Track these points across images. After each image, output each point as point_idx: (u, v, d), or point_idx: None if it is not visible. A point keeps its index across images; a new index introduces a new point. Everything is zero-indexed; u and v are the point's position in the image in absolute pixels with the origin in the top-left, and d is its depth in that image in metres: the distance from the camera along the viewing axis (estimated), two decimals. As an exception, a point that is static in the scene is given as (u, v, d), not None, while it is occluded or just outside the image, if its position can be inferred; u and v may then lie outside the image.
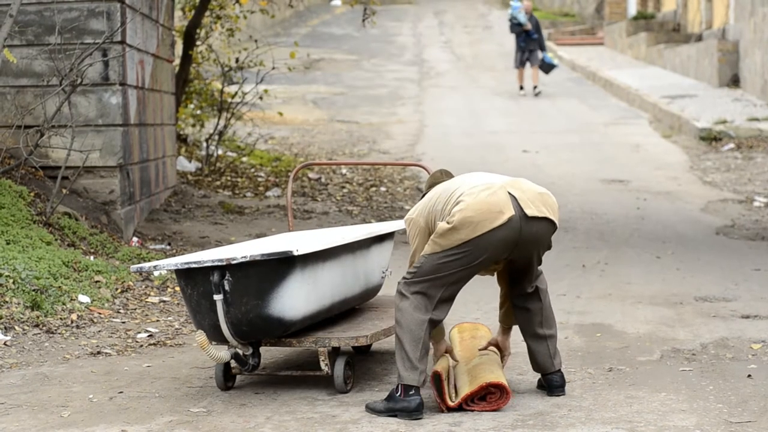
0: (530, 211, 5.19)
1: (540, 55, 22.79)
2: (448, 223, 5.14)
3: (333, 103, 22.26)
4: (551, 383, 5.51)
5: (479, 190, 5.19)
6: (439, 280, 5.19)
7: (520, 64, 22.99)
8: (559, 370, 5.52)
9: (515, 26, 22.83)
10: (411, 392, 5.10)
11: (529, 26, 22.67)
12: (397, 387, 5.14)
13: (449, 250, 5.14)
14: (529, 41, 22.72)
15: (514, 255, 5.29)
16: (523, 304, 5.52)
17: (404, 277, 5.26)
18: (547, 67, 22.83)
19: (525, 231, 5.19)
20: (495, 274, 5.61)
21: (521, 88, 23.30)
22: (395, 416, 5.09)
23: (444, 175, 5.63)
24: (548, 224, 5.28)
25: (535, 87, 23.02)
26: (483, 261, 5.20)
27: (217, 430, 4.94)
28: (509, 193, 5.19)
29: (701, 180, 14.59)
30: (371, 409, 5.18)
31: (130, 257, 8.72)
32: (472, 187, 5.23)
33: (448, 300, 5.27)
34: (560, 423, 4.99)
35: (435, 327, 5.28)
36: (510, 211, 5.13)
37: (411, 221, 5.46)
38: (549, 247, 5.43)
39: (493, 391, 5.21)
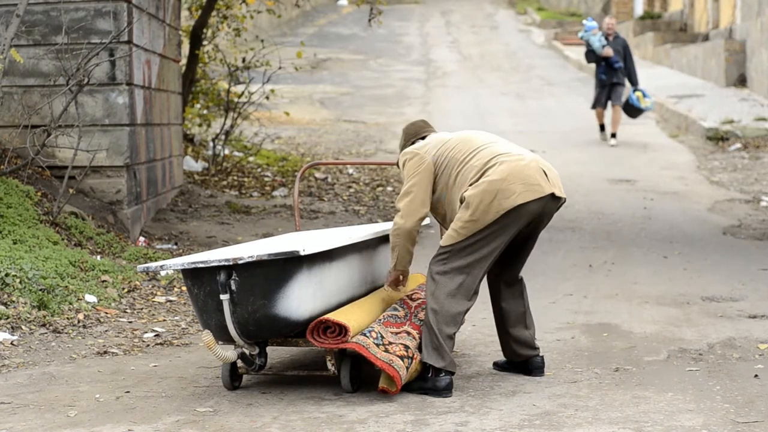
0: (558, 192, 5.50)
1: (625, 92, 17.08)
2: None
3: (340, 102, 22.26)
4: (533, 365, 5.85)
5: (515, 159, 5.42)
6: (472, 256, 5.44)
7: (598, 103, 17.03)
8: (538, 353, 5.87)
9: (589, 53, 16.86)
10: (441, 374, 5.40)
11: (608, 52, 16.62)
12: (428, 369, 5.42)
13: (482, 229, 5.37)
14: (610, 72, 16.73)
15: (526, 229, 5.55)
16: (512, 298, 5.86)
17: (436, 257, 5.49)
18: (634, 111, 16.83)
19: (547, 208, 5.54)
20: None
21: (602, 128, 17.46)
22: (426, 394, 5.37)
23: (426, 125, 5.87)
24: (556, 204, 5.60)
25: (613, 135, 17.10)
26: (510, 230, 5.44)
27: (224, 430, 4.94)
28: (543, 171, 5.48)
29: (708, 180, 14.57)
30: (407, 388, 5.44)
31: (137, 257, 8.73)
32: (506, 154, 5.44)
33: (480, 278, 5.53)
34: (567, 423, 4.98)
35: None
36: (550, 189, 5.42)
37: (415, 156, 5.58)
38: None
39: (331, 326, 5.37)
